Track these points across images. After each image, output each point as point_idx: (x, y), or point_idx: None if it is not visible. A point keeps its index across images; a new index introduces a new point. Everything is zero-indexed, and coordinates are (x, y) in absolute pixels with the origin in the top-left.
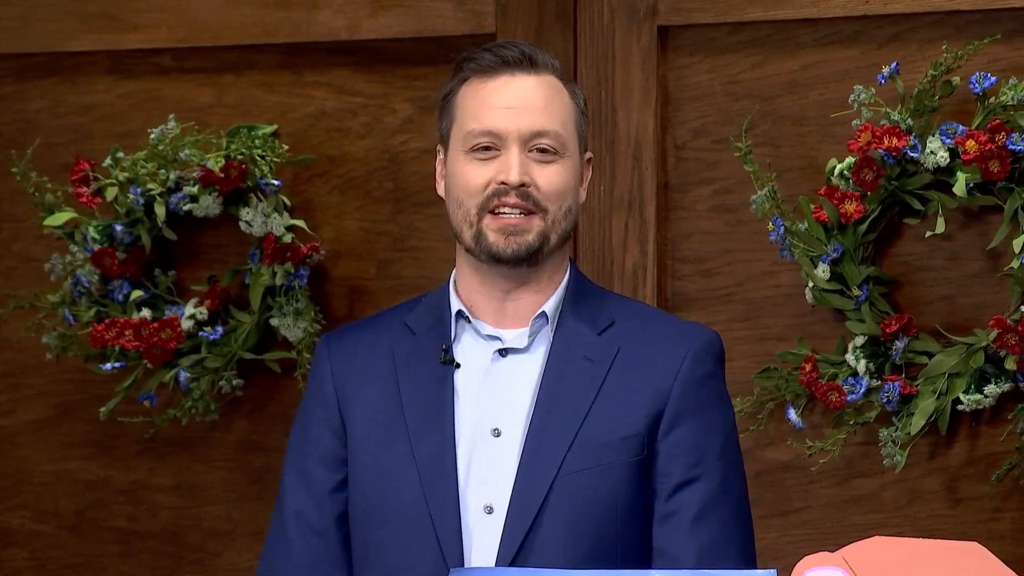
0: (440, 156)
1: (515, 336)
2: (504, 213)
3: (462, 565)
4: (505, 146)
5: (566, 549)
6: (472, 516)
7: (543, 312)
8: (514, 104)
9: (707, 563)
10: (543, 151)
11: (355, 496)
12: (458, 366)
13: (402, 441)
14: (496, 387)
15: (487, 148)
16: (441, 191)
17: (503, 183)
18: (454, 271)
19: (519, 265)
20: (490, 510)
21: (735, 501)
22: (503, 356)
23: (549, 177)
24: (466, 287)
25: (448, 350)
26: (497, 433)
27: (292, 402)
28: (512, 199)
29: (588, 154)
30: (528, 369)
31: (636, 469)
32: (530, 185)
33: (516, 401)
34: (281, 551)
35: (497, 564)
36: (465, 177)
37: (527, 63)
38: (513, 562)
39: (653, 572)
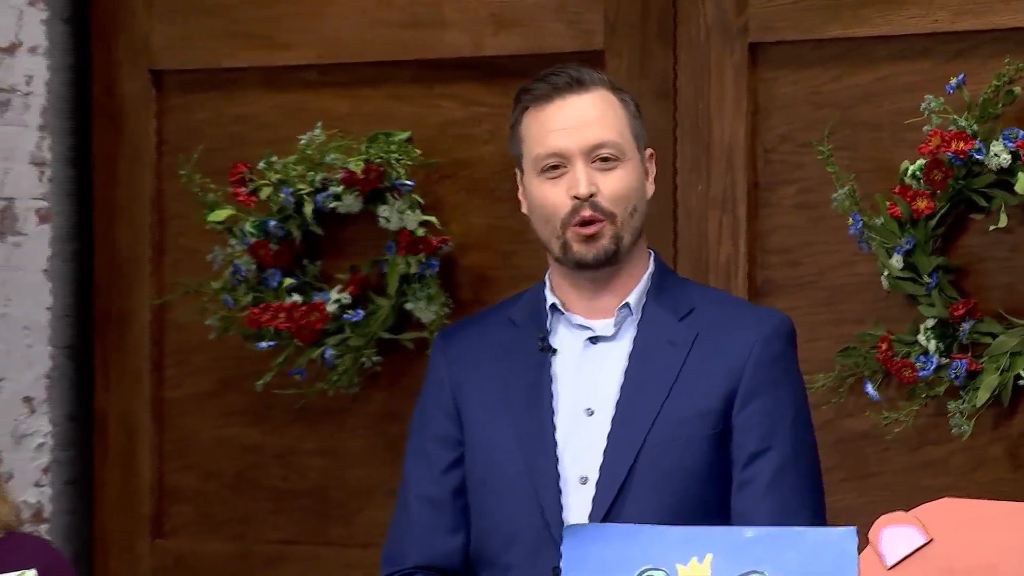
0: (519, 178)
1: (603, 325)
2: (580, 226)
3: (561, 531)
4: (571, 162)
5: (651, 515)
6: (569, 486)
7: (627, 303)
8: (570, 123)
9: (780, 524)
10: (605, 159)
11: (468, 471)
12: (554, 353)
13: (507, 421)
14: (588, 371)
15: (555, 167)
16: (525, 209)
17: (576, 197)
18: (549, 270)
19: (601, 267)
20: (584, 480)
21: (806, 468)
22: (593, 343)
23: (612, 184)
24: (559, 284)
25: (545, 339)
26: (590, 412)
27: (424, 377)
28: (586, 212)
29: (649, 151)
30: (616, 354)
31: (714, 441)
32: (598, 195)
33: (606, 383)
34: (404, 522)
35: None
36: (543, 198)
37: (576, 84)
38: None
39: (744, 528)
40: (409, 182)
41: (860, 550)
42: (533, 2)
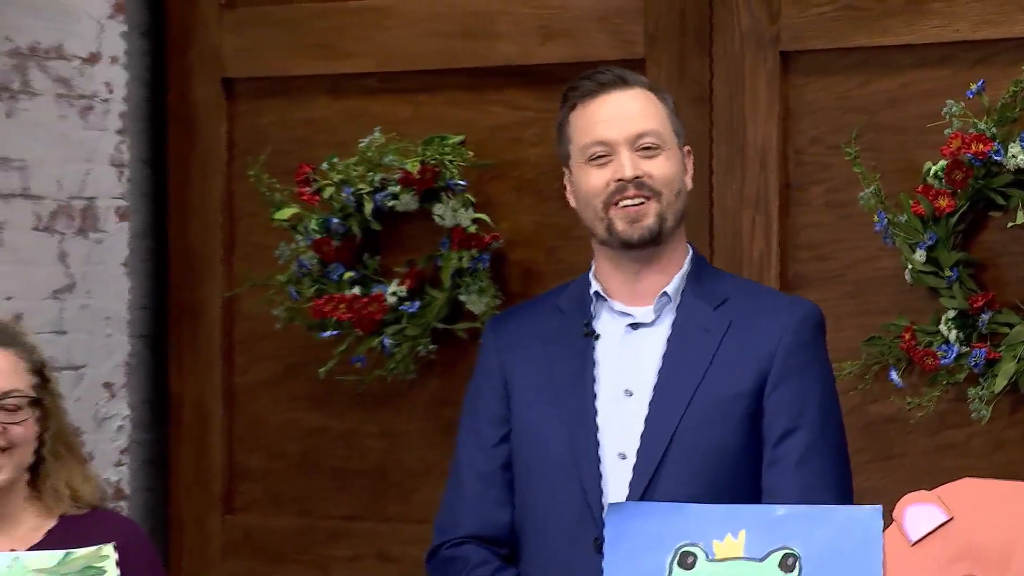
0: (567, 175)
1: (643, 312)
2: (626, 204)
3: (600, 503)
4: (616, 151)
5: (685, 489)
6: (608, 462)
7: (666, 292)
8: (615, 115)
9: (808, 501)
10: (647, 148)
11: (515, 448)
12: (597, 338)
13: (552, 401)
14: (628, 355)
15: (601, 156)
16: (572, 203)
17: (620, 180)
18: (593, 261)
19: (645, 247)
20: (623, 456)
21: (833, 448)
22: (634, 329)
23: (659, 167)
24: (603, 273)
25: (589, 324)
26: (629, 393)
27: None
28: (631, 191)
29: (687, 148)
30: (654, 340)
31: (746, 422)
32: (644, 176)
33: (645, 367)
34: (456, 495)
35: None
36: (588, 182)
37: (620, 82)
38: (641, 499)
39: (775, 506)
40: (462, 182)
41: (885, 527)
42: (578, 14)
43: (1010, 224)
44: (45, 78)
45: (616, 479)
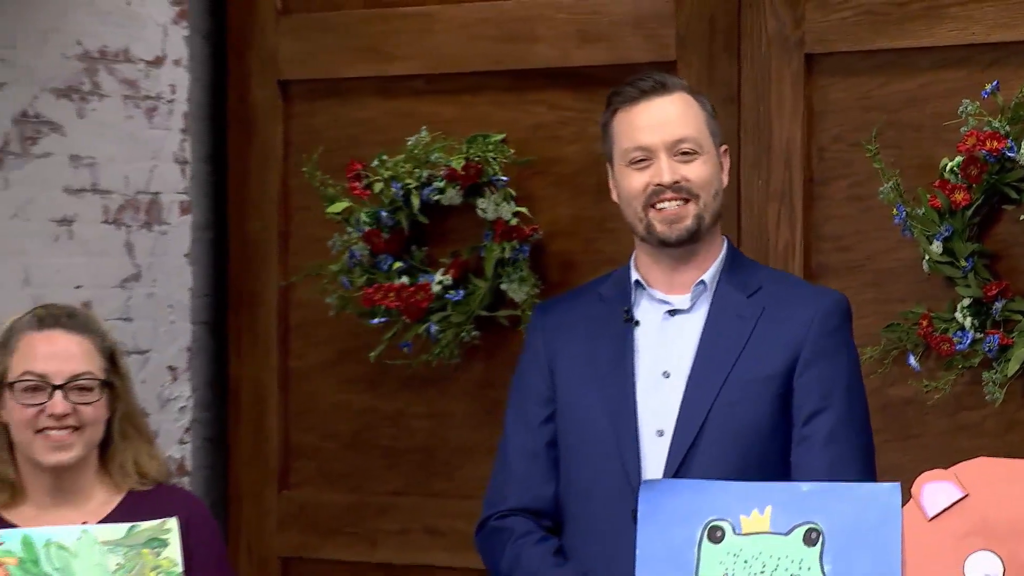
0: (610, 172)
1: (681, 300)
2: (663, 207)
3: (639, 478)
4: (655, 155)
5: (719, 465)
6: (647, 439)
7: (702, 281)
8: (655, 122)
9: (834, 477)
10: (685, 153)
11: (559, 426)
12: (637, 324)
13: (593, 384)
14: (666, 340)
15: (642, 160)
16: (615, 197)
17: (658, 184)
18: (634, 252)
19: (682, 245)
20: (661, 433)
21: (858, 427)
22: (672, 316)
23: (696, 171)
24: (642, 264)
25: (629, 311)
26: (667, 375)
27: (518, 349)
28: (669, 195)
29: (724, 147)
30: (691, 325)
31: (777, 402)
32: (681, 180)
33: (682, 350)
34: (504, 471)
35: (664, 476)
36: (630, 184)
37: (660, 88)
38: (676, 474)
39: (801, 483)
40: (504, 178)
41: (904, 503)
42: (613, 19)
43: (1022, 217)
44: (113, 80)
45: (654, 455)
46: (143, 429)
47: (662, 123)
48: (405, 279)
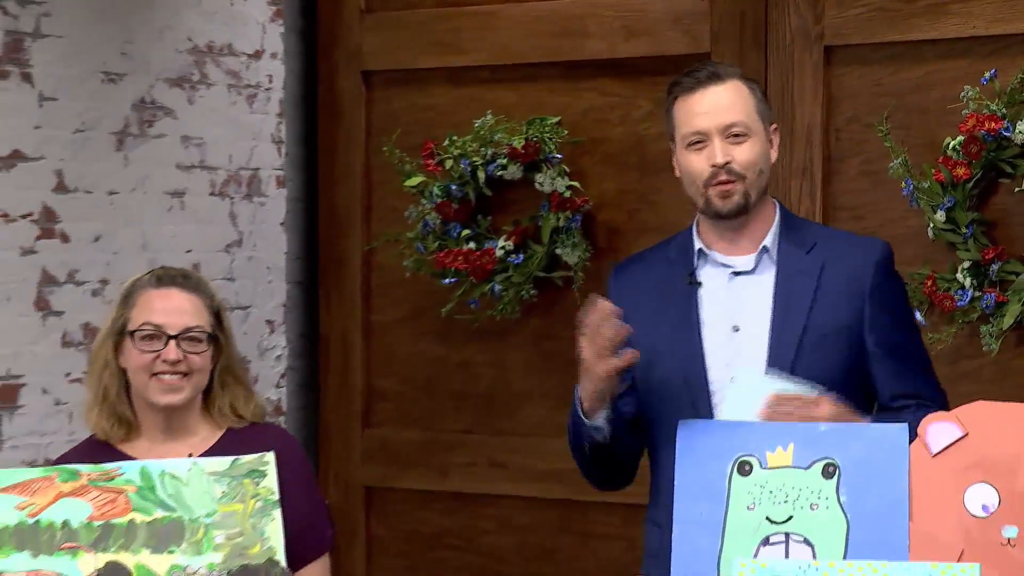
0: (672, 150)
1: (743, 262)
2: (718, 184)
3: None
4: (710, 138)
5: None
6: (718, 387)
7: (764, 246)
8: (710, 109)
9: (913, 387)
10: (736, 135)
11: (636, 376)
12: (700, 285)
13: (665, 338)
14: (732, 298)
15: (698, 142)
16: (677, 174)
17: (713, 165)
18: (696, 218)
19: (735, 217)
20: (734, 380)
21: (921, 348)
22: (736, 276)
23: (744, 153)
24: (704, 231)
25: (692, 274)
26: (736, 329)
27: (571, 305)
28: (723, 175)
29: (774, 126)
30: (755, 285)
31: (851, 351)
32: (732, 161)
33: (749, 306)
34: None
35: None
36: (690, 166)
37: (715, 77)
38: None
39: (819, 424)
40: (558, 155)
41: (911, 442)
42: (655, 16)
43: (1017, 189)
44: (219, 71)
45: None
46: (241, 377)
47: (716, 109)
48: (472, 245)
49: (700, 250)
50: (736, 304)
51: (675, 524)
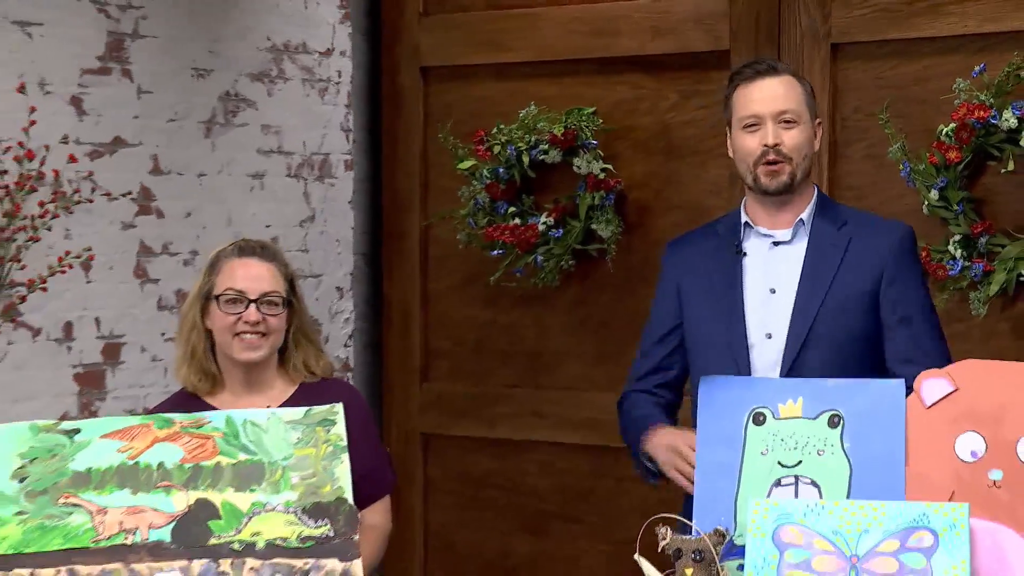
0: (728, 133)
1: (783, 234)
2: (767, 164)
3: (749, 373)
4: (763, 122)
5: (825, 363)
6: (756, 342)
7: (801, 219)
8: (765, 96)
9: (923, 358)
10: (786, 121)
11: (686, 336)
12: (745, 254)
13: (710, 302)
14: (771, 264)
15: (753, 125)
16: (730, 154)
17: (765, 146)
18: (744, 197)
19: (781, 195)
20: (769, 336)
21: (934, 322)
22: (776, 246)
23: (793, 138)
24: (751, 207)
25: (739, 244)
26: (773, 291)
27: (606, 274)
28: (772, 156)
29: (818, 120)
30: (792, 254)
31: (868, 314)
32: (781, 144)
33: (785, 272)
34: (640, 358)
35: (779, 374)
36: (743, 145)
37: (772, 70)
38: (789, 371)
39: (826, 379)
40: (594, 141)
41: (907, 395)
42: (680, 16)
43: (1003, 171)
44: (294, 67)
45: (763, 355)
46: (312, 338)
47: (771, 97)
48: (517, 220)
49: (746, 224)
50: (774, 269)
51: (697, 469)
